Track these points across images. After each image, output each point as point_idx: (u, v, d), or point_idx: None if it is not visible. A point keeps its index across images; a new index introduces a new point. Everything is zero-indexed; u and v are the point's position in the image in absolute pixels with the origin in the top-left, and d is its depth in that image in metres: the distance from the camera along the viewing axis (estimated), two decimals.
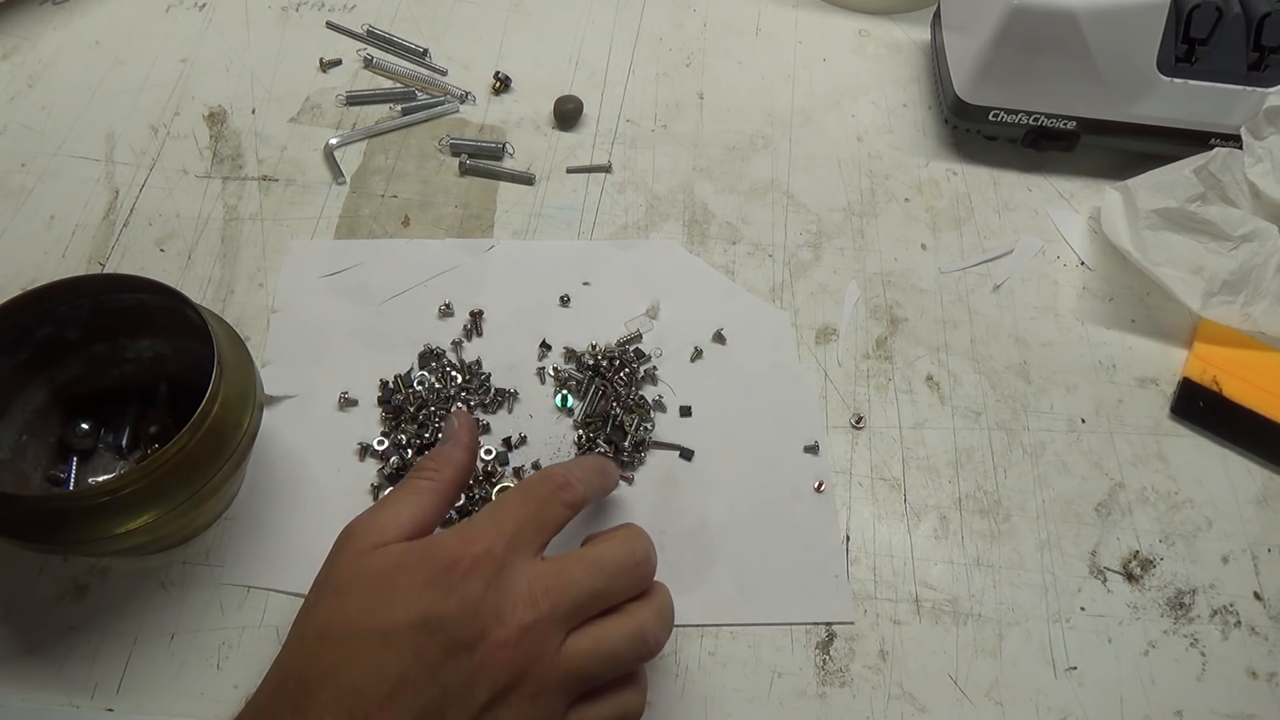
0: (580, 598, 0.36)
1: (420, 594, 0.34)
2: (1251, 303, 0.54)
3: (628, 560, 0.37)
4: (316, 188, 0.60)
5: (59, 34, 0.67)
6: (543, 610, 0.35)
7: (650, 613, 0.37)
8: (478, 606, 0.34)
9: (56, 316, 0.43)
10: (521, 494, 0.38)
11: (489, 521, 0.36)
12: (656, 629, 0.37)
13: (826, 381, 0.54)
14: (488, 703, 0.34)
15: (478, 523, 0.36)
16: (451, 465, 0.40)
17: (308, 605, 0.36)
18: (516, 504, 0.37)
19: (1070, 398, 0.54)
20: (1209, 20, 0.56)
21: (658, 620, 0.37)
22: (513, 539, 0.36)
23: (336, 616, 0.35)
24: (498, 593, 0.34)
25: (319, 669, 0.33)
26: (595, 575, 0.36)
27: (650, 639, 0.37)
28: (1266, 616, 0.47)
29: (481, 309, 0.54)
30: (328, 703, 0.32)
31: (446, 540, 0.36)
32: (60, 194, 0.58)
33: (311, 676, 0.33)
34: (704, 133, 0.65)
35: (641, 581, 0.38)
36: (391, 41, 0.68)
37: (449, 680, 0.33)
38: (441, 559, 0.35)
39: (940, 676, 0.45)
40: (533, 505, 0.38)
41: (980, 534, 0.49)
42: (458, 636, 0.33)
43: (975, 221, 0.61)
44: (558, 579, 0.35)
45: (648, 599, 0.38)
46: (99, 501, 0.37)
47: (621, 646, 0.36)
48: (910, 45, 0.72)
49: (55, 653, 0.43)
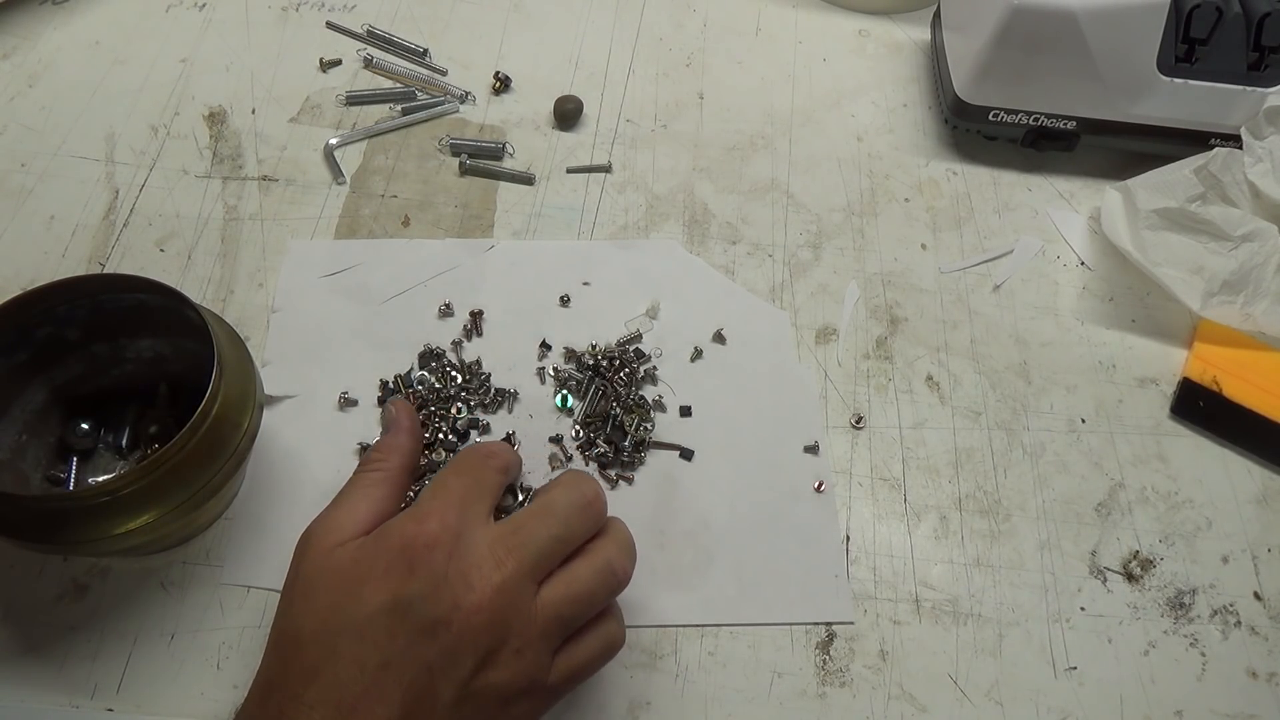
0: (542, 547, 0.36)
1: (384, 581, 0.34)
2: (1251, 303, 0.54)
3: (579, 501, 0.38)
4: (316, 188, 0.60)
5: (59, 34, 0.67)
6: (509, 568, 0.35)
7: (613, 547, 0.38)
8: (444, 579, 0.34)
9: (56, 316, 0.43)
10: (454, 468, 0.39)
11: (432, 498, 0.37)
12: (621, 560, 0.38)
13: (826, 381, 0.54)
14: (475, 669, 0.34)
15: (422, 503, 0.37)
16: (397, 452, 0.41)
17: (279, 613, 0.36)
18: (453, 477, 0.38)
19: (1070, 398, 0.54)
20: (1209, 20, 0.56)
21: (620, 552, 0.38)
22: (461, 508, 0.36)
23: (307, 619, 0.35)
24: (461, 561, 0.35)
25: (300, 672, 0.34)
26: (551, 523, 0.37)
27: (618, 571, 0.38)
28: (1266, 616, 0.47)
29: (481, 309, 0.54)
30: (314, 702, 0.33)
31: (398, 525, 0.36)
32: (60, 194, 0.58)
33: (293, 681, 0.34)
34: (704, 133, 0.65)
35: (596, 519, 0.38)
36: (391, 41, 0.68)
37: (430, 657, 0.34)
38: (398, 543, 0.35)
39: (940, 676, 0.45)
40: (468, 475, 0.38)
41: (980, 534, 0.49)
42: (429, 613, 0.34)
43: (975, 221, 0.61)
44: (516, 535, 0.36)
45: (606, 534, 0.39)
46: (99, 501, 0.37)
47: (593, 585, 0.37)
48: (910, 45, 0.72)
49: (55, 653, 0.43)
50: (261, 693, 0.35)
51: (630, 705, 0.43)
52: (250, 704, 0.35)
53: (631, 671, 0.44)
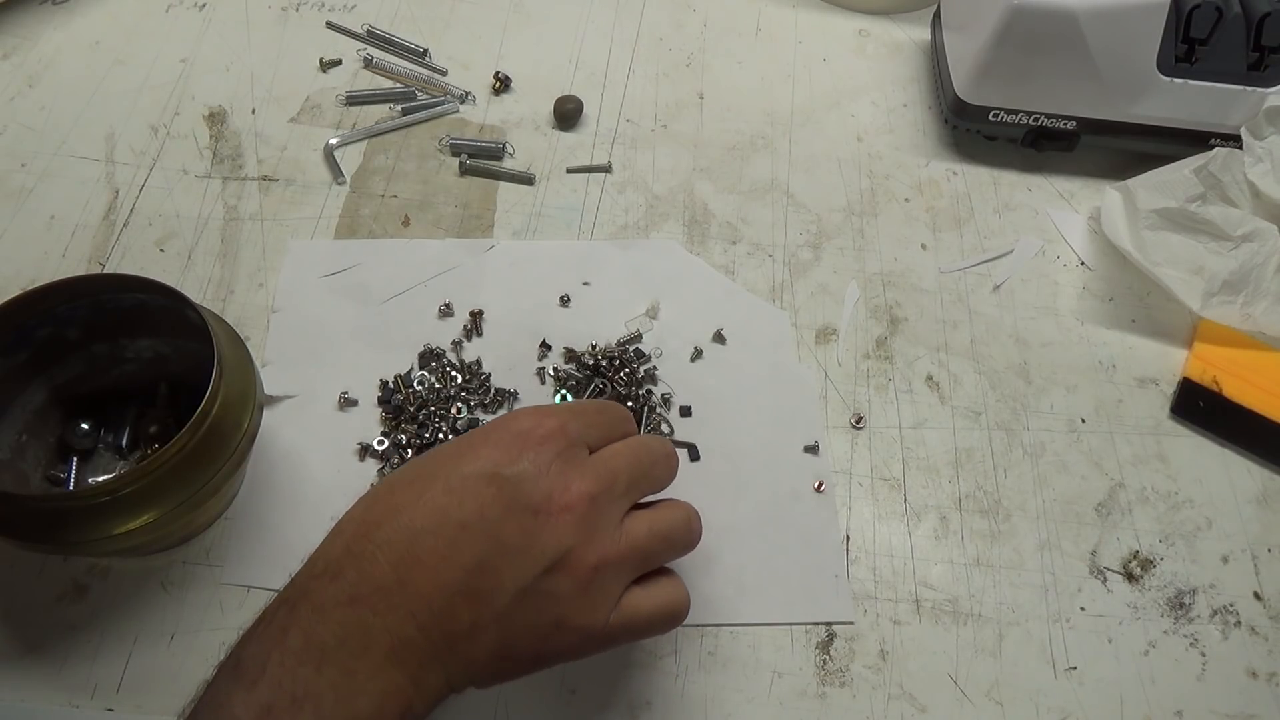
0: (635, 478, 0.37)
1: (491, 451, 0.35)
2: (1251, 303, 0.54)
3: (664, 450, 0.39)
4: (316, 188, 0.60)
5: (59, 34, 0.67)
6: (605, 483, 0.36)
7: (688, 506, 0.39)
8: (546, 471, 0.35)
9: (56, 316, 0.43)
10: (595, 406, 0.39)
11: (565, 410, 0.38)
12: (696, 520, 0.39)
13: (826, 381, 0.54)
14: (547, 567, 0.34)
15: (554, 407, 0.38)
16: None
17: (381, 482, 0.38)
18: (592, 410, 0.39)
19: (1070, 398, 0.54)
20: (1209, 20, 0.56)
21: (694, 513, 0.39)
22: (583, 429, 0.37)
23: (407, 472, 0.36)
24: (565, 463, 0.36)
25: (380, 511, 0.34)
26: (644, 459, 0.38)
27: (696, 526, 0.39)
28: (1266, 616, 0.47)
29: (481, 309, 0.54)
30: (382, 542, 0.33)
31: (519, 414, 0.37)
32: (60, 194, 0.58)
33: (371, 518, 0.34)
34: (704, 133, 0.65)
35: (672, 474, 0.40)
36: (391, 41, 0.68)
37: (509, 536, 0.34)
38: (514, 427, 0.36)
39: (940, 676, 0.45)
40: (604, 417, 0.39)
41: (980, 534, 0.49)
42: (523, 495, 0.34)
43: (975, 221, 0.61)
44: (615, 458, 0.37)
45: (679, 501, 0.40)
46: (99, 501, 0.37)
47: (675, 528, 0.38)
48: (910, 45, 0.72)
49: (55, 653, 0.43)
50: (336, 530, 0.35)
51: (630, 705, 0.43)
52: (324, 542, 0.35)
53: (631, 671, 0.44)
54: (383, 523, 0.34)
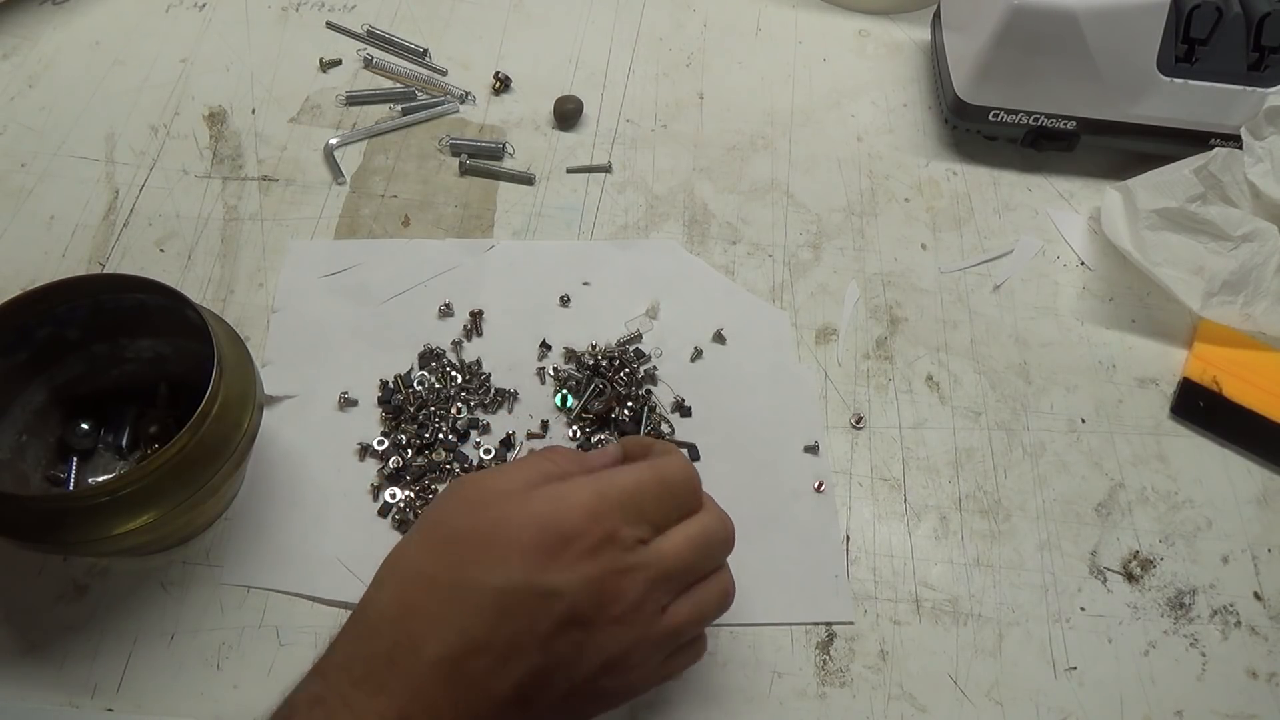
0: (688, 573, 0.37)
1: (539, 561, 0.33)
2: (1251, 303, 0.54)
3: (726, 538, 0.38)
4: (316, 188, 0.60)
5: (59, 34, 0.67)
6: (657, 588, 0.35)
7: (727, 573, 0.39)
8: (599, 584, 0.34)
9: (56, 316, 0.43)
10: (659, 489, 0.37)
11: (620, 505, 0.35)
12: (732, 585, 0.39)
13: (826, 381, 0.54)
14: (596, 673, 0.34)
15: (609, 500, 0.35)
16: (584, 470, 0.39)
17: (410, 548, 0.35)
18: (651, 497, 0.36)
19: (1070, 398, 0.54)
20: (1209, 20, 0.56)
21: (731, 580, 0.39)
22: (636, 526, 0.35)
23: (445, 567, 0.34)
24: (618, 575, 0.34)
25: (423, 621, 0.33)
26: (701, 553, 0.37)
27: (731, 593, 0.39)
28: (1266, 616, 0.47)
29: (481, 309, 0.54)
30: (432, 660, 0.32)
31: (575, 511, 0.35)
32: (60, 194, 0.58)
33: (415, 628, 0.33)
34: (704, 133, 0.65)
35: (726, 554, 0.39)
36: (391, 41, 0.68)
37: (561, 651, 0.33)
38: (567, 531, 0.34)
39: (940, 676, 0.45)
40: (665, 506, 0.37)
41: (980, 534, 0.49)
42: (575, 611, 0.33)
43: (975, 221, 0.61)
44: (675, 559, 0.36)
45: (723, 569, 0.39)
46: (99, 501, 0.37)
47: (712, 608, 0.38)
48: (910, 45, 0.72)
49: (55, 653, 0.43)
50: (371, 626, 0.33)
51: (630, 705, 0.43)
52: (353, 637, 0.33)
53: None
54: (428, 638, 0.32)
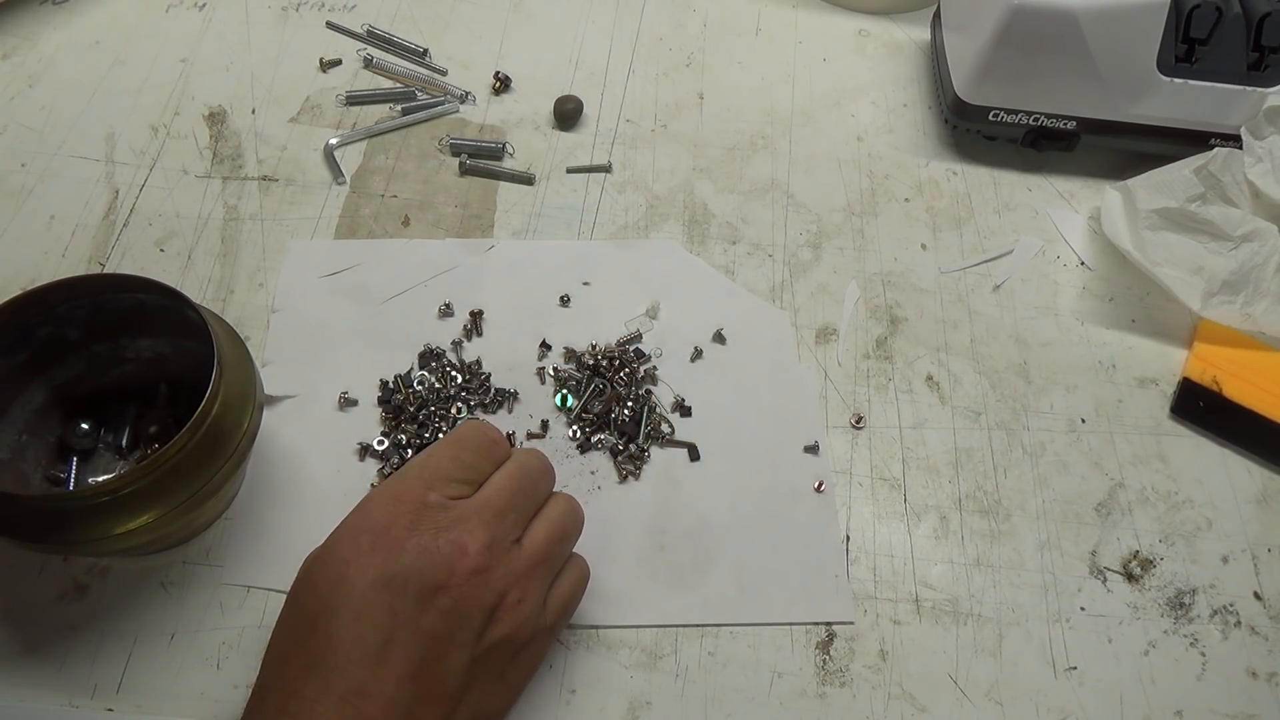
0: (520, 503, 0.38)
1: (370, 557, 0.34)
2: (1251, 303, 0.54)
3: (541, 464, 0.40)
4: (316, 188, 0.60)
5: (59, 34, 0.67)
6: (494, 526, 0.36)
7: (563, 494, 0.41)
8: (434, 546, 0.35)
9: (56, 316, 0.43)
10: (451, 449, 0.39)
11: (417, 477, 0.37)
12: (575, 501, 0.41)
13: (826, 381, 0.54)
14: (481, 628, 0.35)
15: (405, 478, 0.37)
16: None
17: (275, 629, 0.36)
18: (446, 459, 0.38)
19: (1070, 398, 0.54)
20: (1209, 20, 0.56)
21: (570, 497, 0.41)
22: (444, 487, 0.37)
23: (299, 616, 0.35)
24: (448, 530, 0.35)
25: (298, 667, 0.33)
26: (524, 481, 0.39)
27: (578, 509, 0.41)
28: (1266, 616, 0.47)
29: (481, 309, 0.54)
30: (316, 694, 0.32)
31: (377, 500, 0.36)
32: (60, 194, 0.58)
33: (292, 677, 0.33)
34: (704, 133, 0.65)
35: (552, 480, 0.41)
36: (391, 41, 0.68)
37: (434, 624, 0.34)
38: (380, 520, 0.35)
39: (940, 676, 0.45)
40: (463, 459, 0.38)
41: (980, 534, 0.49)
42: (427, 581, 0.34)
43: (975, 221, 0.61)
44: (497, 494, 0.37)
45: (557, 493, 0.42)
46: (99, 501, 0.37)
47: (566, 520, 0.40)
48: (910, 45, 0.72)
49: (55, 653, 0.43)
50: (259, 695, 0.34)
51: (630, 705, 0.43)
52: (250, 711, 0.34)
53: (631, 671, 0.44)
54: (306, 678, 0.33)
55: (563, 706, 0.42)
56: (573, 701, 0.43)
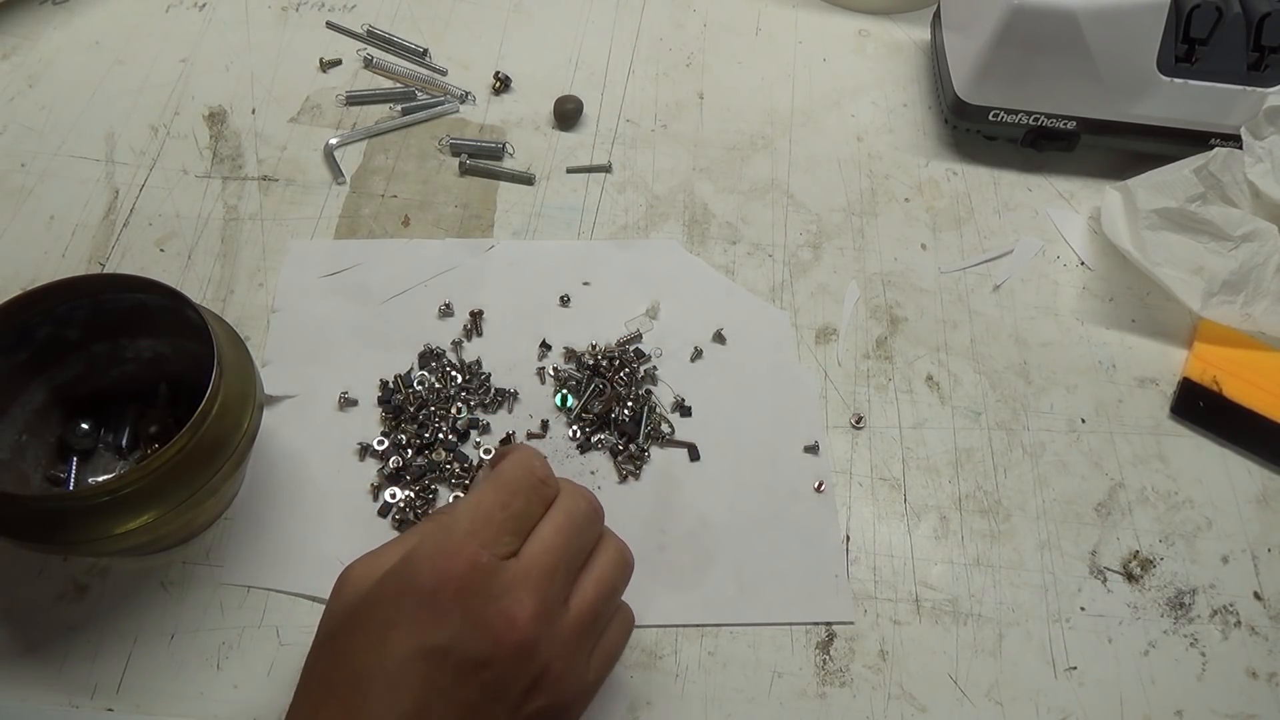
0: (570, 561, 0.36)
1: (414, 624, 0.33)
2: (1251, 303, 0.54)
3: (589, 509, 0.37)
4: (316, 188, 0.60)
5: (59, 34, 0.67)
6: (544, 591, 0.34)
7: (611, 538, 0.38)
8: (482, 620, 0.33)
9: (56, 316, 0.43)
10: (501, 496, 0.36)
11: (469, 533, 0.34)
12: (625, 547, 0.39)
13: (826, 381, 0.54)
14: (522, 699, 0.33)
15: (455, 534, 0.34)
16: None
17: (310, 656, 0.35)
18: (497, 508, 0.35)
19: (1070, 398, 0.54)
20: (1209, 20, 0.56)
21: (620, 541, 0.39)
22: (495, 545, 0.34)
23: (335, 664, 0.34)
24: (498, 600, 0.33)
25: (333, 715, 0.32)
26: (573, 536, 0.36)
27: (628, 555, 0.38)
28: (1266, 616, 0.47)
29: (481, 309, 0.54)
30: None
31: (426, 562, 0.34)
32: (60, 194, 0.58)
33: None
34: (704, 133, 0.65)
35: (599, 524, 0.38)
36: (391, 41, 0.68)
37: (471, 698, 0.32)
38: (427, 583, 0.33)
39: (940, 676, 0.45)
40: (514, 507, 0.36)
41: (980, 534, 0.49)
42: (470, 655, 0.32)
43: (975, 221, 0.61)
44: (548, 556, 0.35)
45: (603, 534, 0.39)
46: (99, 501, 0.37)
47: (615, 576, 0.37)
48: (910, 45, 0.72)
49: (55, 653, 0.43)
50: None
51: (630, 705, 0.43)
52: None
53: (631, 671, 0.44)
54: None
55: None
56: None
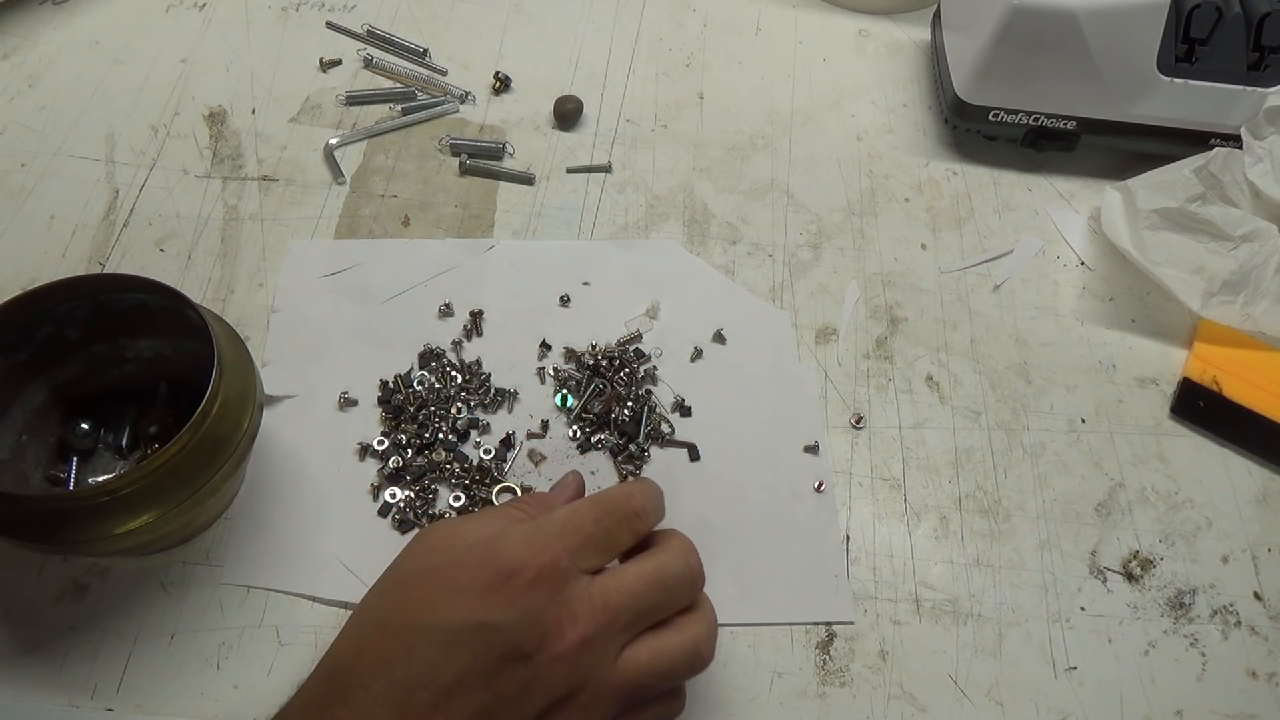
0: (641, 611, 0.36)
1: (482, 597, 0.34)
2: (1251, 303, 0.54)
3: (686, 574, 0.37)
4: (316, 188, 0.60)
5: (59, 34, 0.67)
6: (602, 623, 0.34)
7: (702, 627, 0.37)
8: (539, 617, 0.34)
9: (56, 316, 0.43)
10: (596, 511, 0.37)
11: (558, 534, 0.36)
12: (709, 643, 0.37)
13: (826, 381, 0.54)
14: (540, 713, 0.34)
15: (546, 532, 0.36)
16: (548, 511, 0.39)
17: (370, 595, 0.36)
18: (589, 520, 0.36)
19: (1070, 398, 0.54)
20: (1209, 20, 0.56)
21: (708, 635, 0.37)
22: (579, 554, 0.35)
23: (396, 609, 0.35)
24: (559, 606, 0.34)
25: (373, 660, 0.33)
26: (655, 589, 0.36)
27: (705, 653, 0.37)
28: (1266, 616, 0.47)
29: (481, 309, 0.54)
30: (379, 696, 0.32)
31: (513, 545, 0.35)
32: (60, 194, 0.58)
33: (365, 668, 0.33)
34: (704, 133, 0.65)
35: (696, 593, 0.38)
36: (391, 41, 0.68)
37: (504, 688, 0.33)
38: (506, 565, 0.34)
39: (940, 676, 0.45)
40: (605, 525, 0.37)
41: (980, 534, 0.49)
42: (517, 645, 0.33)
43: (975, 221, 0.62)
44: (619, 594, 0.35)
45: (698, 612, 0.38)
46: (99, 501, 0.37)
47: (678, 661, 0.36)
48: (910, 45, 0.72)
49: (55, 653, 0.43)
50: (328, 672, 0.34)
51: None
52: (316, 680, 0.34)
53: None
54: (376, 675, 0.33)
55: None
56: None
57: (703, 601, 0.38)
